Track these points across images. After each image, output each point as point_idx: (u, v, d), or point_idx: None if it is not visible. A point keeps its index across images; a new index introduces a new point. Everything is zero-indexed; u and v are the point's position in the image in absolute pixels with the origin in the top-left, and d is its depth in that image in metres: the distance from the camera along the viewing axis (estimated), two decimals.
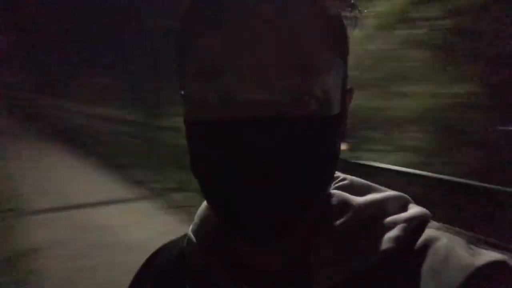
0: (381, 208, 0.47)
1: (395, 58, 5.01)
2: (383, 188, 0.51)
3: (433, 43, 4.64)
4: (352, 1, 0.49)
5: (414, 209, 0.48)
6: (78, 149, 10.58)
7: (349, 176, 0.52)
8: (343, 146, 0.48)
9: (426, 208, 0.49)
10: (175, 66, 0.47)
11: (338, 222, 0.46)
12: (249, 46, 0.40)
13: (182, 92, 0.45)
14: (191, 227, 0.56)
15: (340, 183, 0.51)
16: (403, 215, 0.47)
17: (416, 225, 0.46)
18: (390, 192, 0.50)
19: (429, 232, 0.46)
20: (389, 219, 0.46)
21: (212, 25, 0.42)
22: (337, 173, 0.52)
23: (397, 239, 0.45)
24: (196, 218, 0.56)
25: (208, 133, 0.42)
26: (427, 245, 0.44)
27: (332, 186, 0.51)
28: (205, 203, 0.55)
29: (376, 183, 0.51)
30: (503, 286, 0.40)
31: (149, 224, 5.19)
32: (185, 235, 0.56)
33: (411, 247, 0.45)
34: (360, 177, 0.52)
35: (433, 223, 0.48)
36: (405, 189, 0.55)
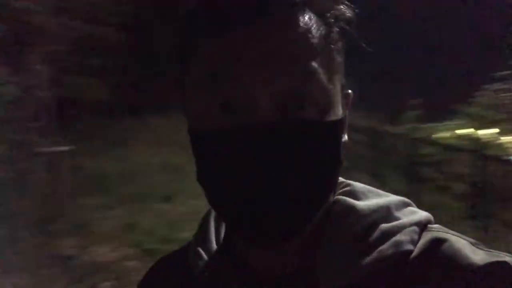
0: (386, 213, 0.47)
1: None
2: (385, 193, 0.51)
3: None
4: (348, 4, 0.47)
5: (418, 213, 0.49)
6: None
7: (352, 182, 0.52)
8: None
9: None
10: (177, 75, 0.48)
11: (343, 227, 0.46)
12: (250, 54, 0.41)
13: (184, 100, 0.47)
14: (194, 237, 0.56)
15: (344, 188, 0.51)
16: (408, 219, 0.47)
17: (421, 229, 0.47)
18: (393, 197, 0.50)
19: (435, 234, 0.46)
20: (395, 223, 0.46)
21: (213, 34, 0.42)
22: (340, 179, 0.51)
23: (404, 243, 0.44)
24: (199, 228, 0.56)
25: (212, 141, 0.43)
26: (433, 247, 0.45)
27: (337, 191, 0.50)
28: (204, 213, 0.57)
29: None
30: (508, 286, 0.40)
31: None
32: (187, 246, 0.57)
33: (418, 250, 0.45)
34: None
35: (435, 226, 0.48)
36: None
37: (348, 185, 0.51)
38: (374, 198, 0.49)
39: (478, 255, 0.43)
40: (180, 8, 0.46)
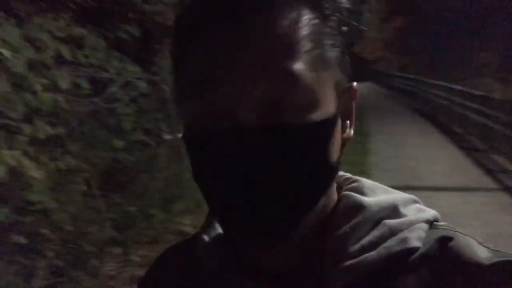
0: (393, 209, 0.48)
1: None
2: (393, 189, 0.51)
3: None
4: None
5: (425, 211, 0.49)
6: (439, 128, 10.45)
7: (359, 178, 0.52)
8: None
9: None
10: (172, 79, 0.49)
11: (350, 224, 0.46)
12: (230, 60, 0.41)
13: (177, 104, 0.47)
14: (201, 228, 0.56)
15: (351, 184, 0.51)
16: (416, 216, 0.47)
17: (428, 226, 0.47)
18: (400, 194, 0.50)
19: (442, 232, 0.47)
20: (402, 220, 0.47)
21: (200, 40, 0.43)
22: (348, 175, 0.52)
23: (410, 239, 0.45)
24: (206, 218, 0.56)
25: (198, 146, 0.44)
26: (440, 244, 0.45)
27: (344, 187, 0.51)
28: None
29: None
30: None
31: (488, 220, 4.67)
32: (194, 238, 0.57)
33: (424, 247, 0.45)
34: None
35: (443, 224, 0.49)
36: None
37: (356, 181, 0.52)
38: (381, 194, 0.50)
39: (485, 254, 0.44)
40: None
